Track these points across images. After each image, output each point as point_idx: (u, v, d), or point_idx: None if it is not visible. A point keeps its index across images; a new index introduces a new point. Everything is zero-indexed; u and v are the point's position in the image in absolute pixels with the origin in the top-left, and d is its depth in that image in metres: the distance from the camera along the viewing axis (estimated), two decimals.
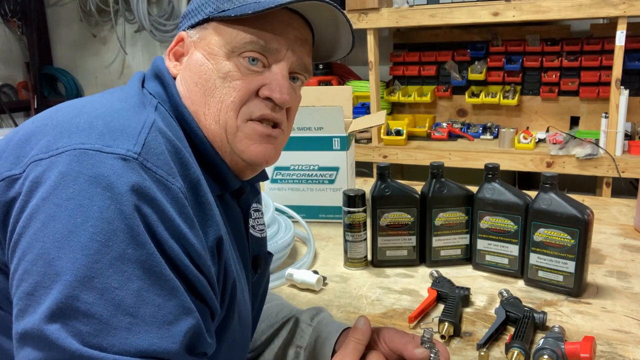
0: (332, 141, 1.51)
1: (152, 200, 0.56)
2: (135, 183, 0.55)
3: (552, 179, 1.09)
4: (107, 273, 0.52)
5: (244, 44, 0.69)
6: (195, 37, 0.72)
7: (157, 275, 0.55)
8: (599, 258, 1.26)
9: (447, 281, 1.13)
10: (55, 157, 0.55)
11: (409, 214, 1.23)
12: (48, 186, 0.54)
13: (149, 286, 0.54)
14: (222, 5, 0.70)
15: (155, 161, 0.58)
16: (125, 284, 0.52)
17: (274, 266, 1.24)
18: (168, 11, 3.71)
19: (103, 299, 0.51)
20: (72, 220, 0.52)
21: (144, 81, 0.73)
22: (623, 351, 0.91)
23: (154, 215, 0.56)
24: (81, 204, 0.53)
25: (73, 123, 0.58)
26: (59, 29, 4.36)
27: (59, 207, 0.53)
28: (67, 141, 0.56)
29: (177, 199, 0.59)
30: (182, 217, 0.59)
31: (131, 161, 0.56)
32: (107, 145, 0.56)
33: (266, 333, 0.92)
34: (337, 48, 0.79)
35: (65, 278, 0.51)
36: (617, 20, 2.21)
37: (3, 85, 4.22)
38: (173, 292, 0.56)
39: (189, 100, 0.70)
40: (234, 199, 0.77)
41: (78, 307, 0.51)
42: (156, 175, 0.57)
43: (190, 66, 0.71)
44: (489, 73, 2.82)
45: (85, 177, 0.54)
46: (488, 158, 2.51)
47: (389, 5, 2.69)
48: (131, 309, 0.52)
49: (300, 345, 0.87)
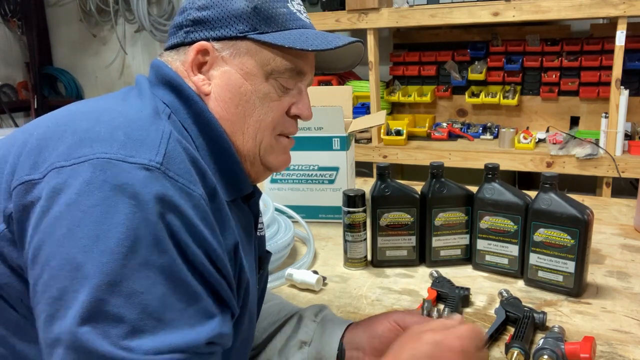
0: (332, 141, 1.51)
1: (175, 208, 0.57)
2: (159, 192, 0.56)
3: (552, 179, 1.09)
4: (133, 278, 0.54)
5: (284, 69, 0.73)
6: (225, 53, 0.71)
7: (180, 282, 0.57)
8: (599, 258, 1.26)
9: (447, 281, 1.13)
10: (78, 165, 0.56)
11: (408, 214, 1.23)
12: (72, 193, 0.55)
13: (171, 292, 0.56)
14: (259, 26, 0.71)
15: (176, 170, 0.59)
16: (150, 289, 0.54)
17: (274, 266, 1.24)
18: (168, 11, 3.71)
19: (130, 303, 0.53)
20: (99, 227, 0.54)
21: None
22: (623, 351, 0.91)
23: (177, 222, 0.57)
24: (107, 211, 0.54)
25: (94, 132, 0.59)
26: (59, 29, 4.36)
27: (85, 213, 0.54)
28: (89, 150, 0.57)
29: (199, 205, 0.60)
30: (204, 223, 0.61)
31: (154, 171, 0.57)
32: (129, 155, 0.57)
33: (268, 330, 0.92)
34: (339, 67, 0.85)
35: (93, 282, 0.52)
36: (617, 20, 2.21)
37: (3, 85, 4.22)
38: (195, 297, 0.58)
39: (228, 122, 0.72)
40: (245, 202, 0.79)
41: (107, 310, 0.52)
42: (178, 184, 0.59)
43: (228, 86, 0.72)
44: (489, 73, 2.82)
45: (110, 185, 0.55)
46: (488, 158, 2.50)
47: (389, 5, 2.69)
48: (156, 314, 0.54)
49: (304, 341, 0.87)
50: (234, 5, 0.71)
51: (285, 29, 0.72)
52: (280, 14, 0.72)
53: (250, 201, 0.80)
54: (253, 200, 0.81)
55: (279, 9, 0.72)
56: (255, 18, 0.71)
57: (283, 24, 0.72)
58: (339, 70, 0.87)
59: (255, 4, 0.71)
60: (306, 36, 0.72)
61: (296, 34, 0.72)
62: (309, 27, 0.76)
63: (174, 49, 0.75)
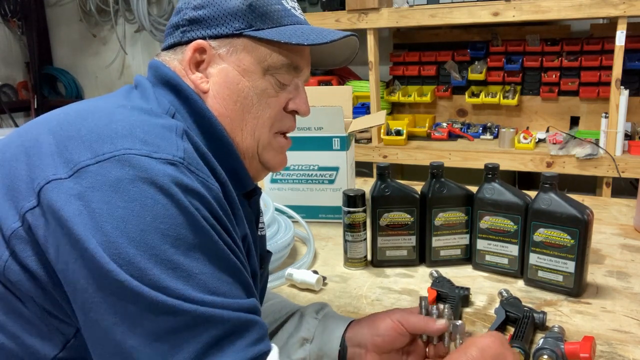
0: (332, 141, 1.51)
1: (203, 198, 0.61)
2: (188, 184, 0.59)
3: (552, 179, 1.09)
4: (186, 262, 0.57)
5: (280, 65, 0.74)
6: (222, 50, 0.72)
7: (223, 259, 0.61)
8: (599, 258, 1.26)
9: (447, 281, 1.13)
10: (104, 162, 0.57)
11: (408, 214, 1.23)
12: (107, 190, 0.56)
13: (219, 268, 0.60)
14: (255, 23, 0.72)
15: (196, 165, 0.62)
16: (202, 269, 0.58)
17: (274, 266, 1.24)
18: (168, 11, 3.71)
19: (190, 284, 0.56)
20: (142, 220, 0.56)
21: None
22: (623, 351, 0.91)
23: (206, 212, 0.61)
24: (145, 204, 0.56)
25: (111, 129, 0.60)
26: (59, 29, 4.36)
27: (125, 209, 0.56)
28: (111, 147, 0.58)
29: (218, 198, 0.63)
30: (225, 214, 0.64)
31: (179, 165, 0.60)
32: (153, 151, 0.59)
33: (269, 328, 0.92)
34: (335, 62, 0.86)
35: (151, 273, 0.55)
36: (617, 20, 2.21)
37: (3, 85, 4.22)
38: (237, 271, 0.62)
39: (227, 118, 0.73)
40: (245, 200, 0.80)
41: (172, 287, 0.55)
42: (200, 178, 0.62)
43: (225, 83, 0.72)
44: (489, 73, 2.82)
45: (142, 179, 0.57)
46: (488, 158, 2.50)
47: (389, 5, 2.69)
48: (214, 289, 0.58)
49: (305, 338, 0.87)
50: (229, 3, 0.72)
51: (280, 25, 0.73)
52: (275, 11, 0.73)
53: (252, 199, 0.81)
54: (254, 199, 0.82)
55: (274, 5, 0.73)
56: (250, 15, 0.72)
57: (278, 20, 0.73)
58: (335, 66, 0.87)
59: (250, 1, 0.72)
60: (301, 31, 0.73)
61: (292, 30, 0.73)
62: (303, 23, 0.77)
63: (171, 49, 0.76)
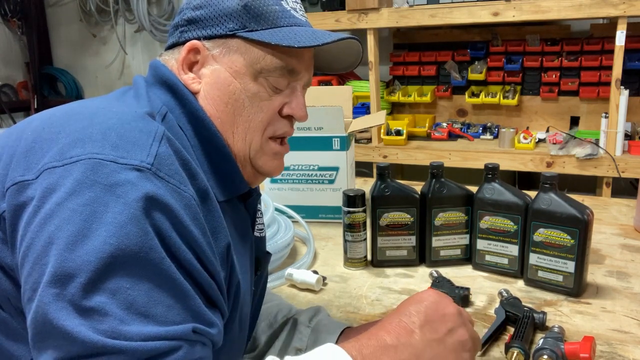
0: (332, 141, 1.51)
1: (164, 207, 0.58)
2: (149, 191, 0.57)
3: (552, 179, 1.09)
4: (119, 275, 0.54)
5: (273, 68, 0.72)
6: (215, 51, 0.72)
7: (168, 278, 0.56)
8: (599, 258, 1.26)
9: (447, 281, 1.13)
10: (70, 165, 0.57)
11: (408, 214, 1.23)
12: (63, 192, 0.55)
13: (159, 288, 0.55)
14: (248, 24, 0.71)
15: (167, 171, 0.60)
16: (137, 284, 0.54)
17: (274, 266, 1.24)
18: (168, 11, 3.71)
19: (115, 299, 0.53)
20: (87, 225, 0.54)
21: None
22: (623, 351, 0.91)
23: (166, 222, 0.57)
24: (96, 210, 0.55)
25: (86, 133, 0.59)
26: (59, 29, 4.36)
27: (74, 212, 0.54)
28: (80, 150, 0.58)
29: (190, 205, 0.61)
30: (195, 223, 0.61)
31: (145, 171, 0.58)
32: (121, 156, 0.58)
33: (266, 333, 0.92)
34: (340, 67, 0.84)
35: (78, 280, 0.52)
36: (617, 20, 2.21)
37: (3, 85, 4.22)
38: (183, 294, 0.57)
39: (218, 120, 0.72)
40: (241, 202, 0.78)
41: (92, 307, 0.52)
42: (169, 184, 0.59)
43: (216, 84, 0.72)
44: (489, 73, 2.82)
45: (101, 185, 0.55)
46: (488, 158, 2.50)
47: (389, 5, 2.68)
48: (143, 309, 0.54)
49: (299, 348, 0.87)
50: (226, 3, 0.71)
51: (275, 27, 0.71)
52: (271, 12, 0.72)
53: (247, 201, 0.79)
54: (250, 201, 0.80)
55: (271, 6, 0.72)
56: (245, 16, 0.71)
57: (274, 22, 0.72)
58: (340, 71, 0.86)
59: (246, 1, 0.71)
60: (295, 33, 0.71)
61: (286, 32, 0.71)
62: (304, 25, 0.75)
63: (171, 49, 0.76)
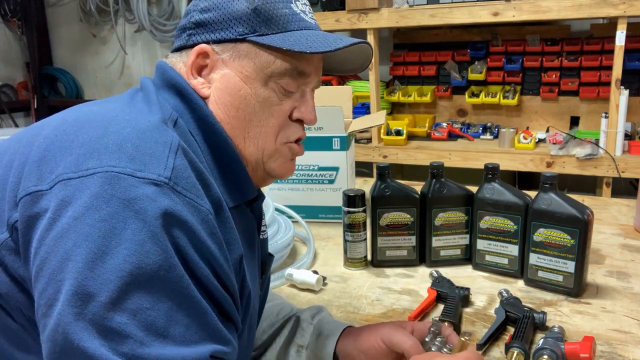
0: (332, 141, 1.51)
1: (183, 224, 0.57)
2: (168, 207, 0.56)
3: (552, 179, 1.09)
4: (139, 294, 0.53)
5: (284, 71, 0.71)
6: (225, 55, 0.70)
7: (187, 297, 0.56)
8: (599, 258, 1.26)
9: (447, 281, 1.13)
10: (86, 177, 0.55)
11: (408, 214, 1.23)
12: (80, 206, 0.54)
13: (178, 307, 0.55)
14: (259, 28, 0.69)
15: (184, 185, 0.59)
16: (156, 304, 0.54)
17: (274, 266, 1.24)
18: (168, 11, 3.71)
19: (135, 320, 0.53)
20: (106, 242, 0.53)
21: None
22: (623, 351, 0.91)
23: (184, 238, 0.57)
24: (114, 227, 0.53)
25: (102, 144, 0.58)
26: (59, 29, 4.36)
27: (92, 227, 0.53)
28: (97, 162, 0.56)
29: (207, 220, 0.60)
30: (212, 238, 0.60)
31: (163, 186, 0.57)
32: (138, 169, 0.56)
33: (267, 332, 0.92)
34: (349, 69, 0.84)
35: (99, 299, 0.52)
36: (617, 20, 2.21)
37: (3, 85, 4.22)
38: (201, 313, 0.57)
39: (228, 125, 0.71)
40: (247, 206, 0.77)
41: (112, 328, 0.52)
42: (186, 199, 0.58)
43: (227, 89, 0.70)
44: (489, 73, 2.82)
45: (118, 200, 0.54)
46: (488, 158, 2.50)
47: (389, 5, 2.69)
48: (162, 329, 0.54)
49: (301, 345, 0.87)
50: (235, 7, 0.69)
51: (286, 31, 0.70)
52: (281, 15, 0.70)
53: (254, 204, 0.79)
54: (256, 204, 0.79)
55: (281, 10, 0.70)
56: (255, 20, 0.69)
57: (284, 26, 0.70)
58: (348, 72, 0.85)
59: (256, 5, 0.69)
60: (306, 37, 0.70)
61: (297, 36, 0.70)
62: (313, 28, 0.73)
63: (178, 52, 0.74)
